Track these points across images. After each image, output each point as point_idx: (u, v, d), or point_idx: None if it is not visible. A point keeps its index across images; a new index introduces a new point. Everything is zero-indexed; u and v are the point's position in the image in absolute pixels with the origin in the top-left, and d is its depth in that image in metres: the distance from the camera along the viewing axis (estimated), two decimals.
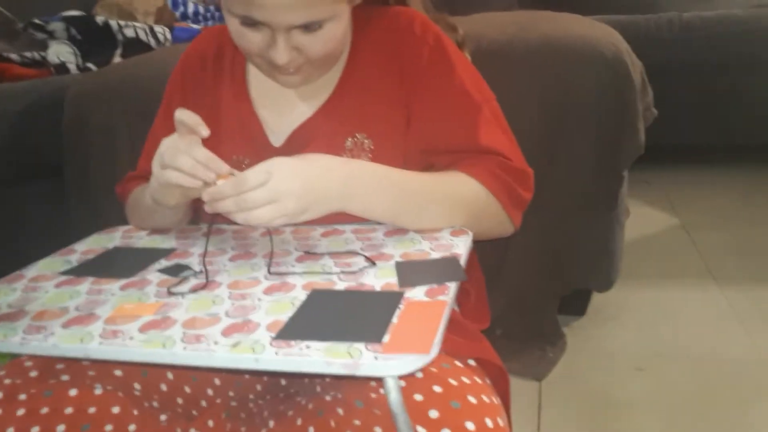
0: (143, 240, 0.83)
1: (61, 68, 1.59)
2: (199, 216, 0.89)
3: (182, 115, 0.67)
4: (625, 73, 0.96)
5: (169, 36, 1.81)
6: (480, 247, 0.75)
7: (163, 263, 0.73)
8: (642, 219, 1.21)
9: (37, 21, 1.70)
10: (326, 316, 0.57)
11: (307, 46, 0.72)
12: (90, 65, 1.62)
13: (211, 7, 2.39)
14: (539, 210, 0.83)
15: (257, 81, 0.85)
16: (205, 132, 0.68)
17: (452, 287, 0.61)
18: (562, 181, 0.91)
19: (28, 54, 1.58)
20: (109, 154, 1.15)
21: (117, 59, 1.68)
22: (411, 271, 0.65)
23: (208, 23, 2.30)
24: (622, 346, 1.25)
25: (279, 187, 0.65)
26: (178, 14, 2.26)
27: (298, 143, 0.81)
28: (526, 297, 1.07)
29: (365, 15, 0.82)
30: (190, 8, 2.33)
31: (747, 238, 1.69)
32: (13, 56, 1.56)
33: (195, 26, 2.23)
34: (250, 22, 0.69)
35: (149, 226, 0.86)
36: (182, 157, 0.67)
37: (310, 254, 0.72)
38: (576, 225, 1.02)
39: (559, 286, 1.08)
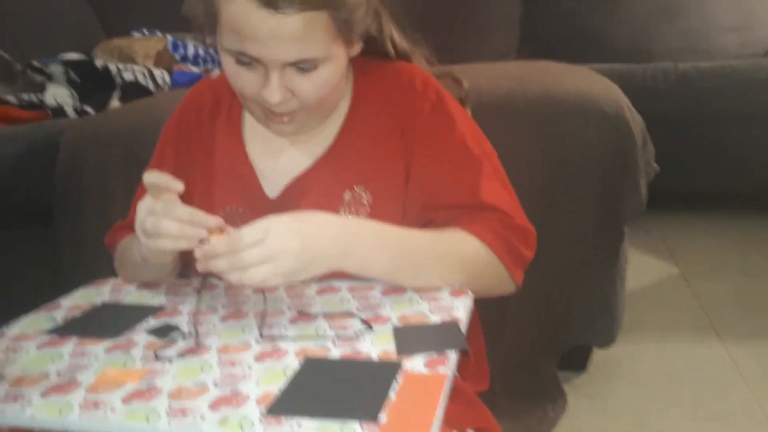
0: (132, 295, 0.80)
1: (59, 111, 1.58)
2: (190, 269, 0.86)
3: (151, 177, 0.66)
4: (626, 130, 0.96)
5: (168, 79, 1.81)
6: (478, 302, 0.73)
7: (152, 322, 0.71)
8: (641, 267, 1.19)
9: (36, 63, 1.70)
10: (320, 388, 0.54)
11: (301, 88, 0.71)
12: (87, 108, 1.62)
13: (211, 50, 2.40)
14: (539, 265, 0.81)
15: (253, 130, 0.84)
16: (180, 186, 0.66)
17: (452, 357, 0.58)
18: (562, 237, 0.89)
19: (25, 96, 1.57)
20: (103, 202, 1.14)
21: (115, 102, 1.67)
22: (409, 337, 0.62)
23: (208, 66, 2.31)
24: (624, 403, 1.21)
25: (276, 246, 0.63)
26: (178, 57, 2.27)
27: (295, 195, 0.80)
28: (526, 354, 1.04)
29: (367, 68, 0.82)
30: (190, 51, 2.34)
31: (747, 290, 1.67)
32: (11, 99, 1.56)
33: (195, 69, 2.24)
34: (245, 60, 0.69)
35: (138, 280, 0.83)
36: (165, 221, 0.65)
37: (303, 314, 0.70)
38: (577, 280, 1.00)
39: (560, 342, 1.06)
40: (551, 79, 1.10)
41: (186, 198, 0.84)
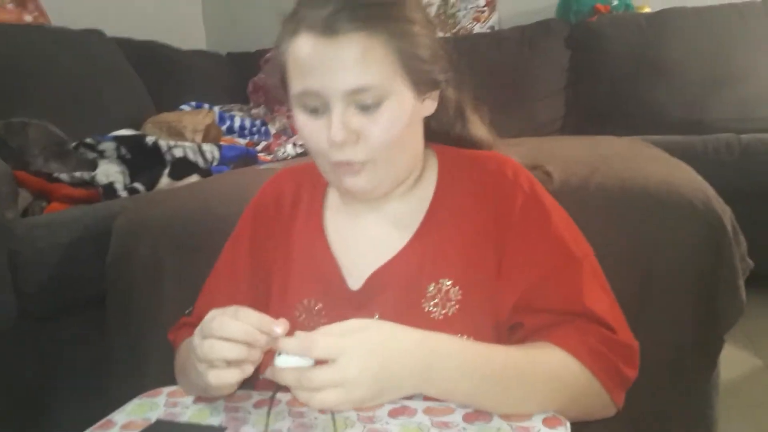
0: (189, 411, 0.74)
1: (109, 189, 1.58)
2: (251, 380, 0.80)
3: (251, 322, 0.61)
4: (719, 226, 0.88)
5: (216, 155, 1.81)
6: None
7: None
8: (722, 361, 1.09)
9: (88, 140, 1.72)
10: None
11: (365, 128, 0.68)
12: (137, 185, 1.61)
13: (257, 122, 2.43)
14: None
15: (335, 221, 0.81)
16: (280, 330, 0.61)
17: None
18: (655, 348, 0.80)
19: (77, 174, 1.58)
20: (155, 292, 1.10)
21: (165, 179, 1.67)
22: None
23: (254, 138, 2.33)
24: None
25: (346, 373, 0.58)
26: (224, 128, 2.30)
27: (377, 287, 0.75)
28: None
29: (451, 154, 0.80)
30: (237, 122, 2.38)
31: None
32: (63, 177, 1.56)
33: (241, 141, 2.26)
34: (310, 104, 0.69)
35: (196, 395, 0.77)
36: (231, 323, 0.61)
37: None
38: (673, 396, 0.90)
39: None
40: (626, 166, 1.03)
41: (263, 294, 0.79)
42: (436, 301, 0.73)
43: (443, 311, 0.73)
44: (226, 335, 0.61)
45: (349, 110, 0.68)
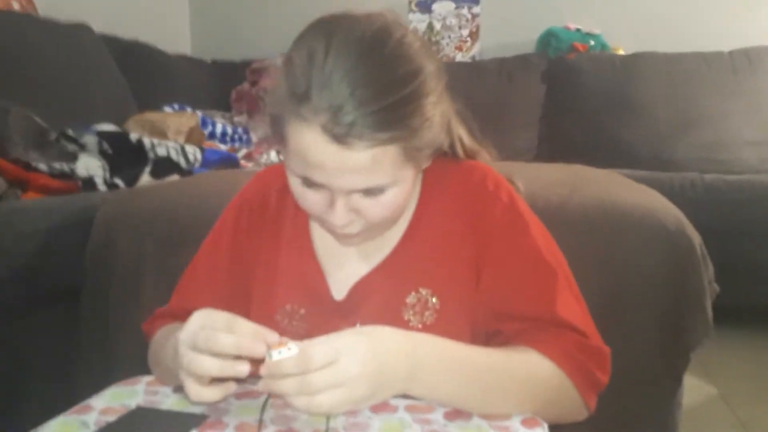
0: (170, 399, 0.74)
1: (88, 182, 1.56)
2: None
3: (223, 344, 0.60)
4: (689, 247, 0.93)
5: (199, 156, 1.80)
6: None
7: None
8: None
9: (70, 133, 1.70)
10: None
11: (367, 210, 0.69)
12: (118, 181, 1.60)
13: (239, 129, 2.43)
14: None
15: (321, 230, 0.81)
16: (245, 371, 0.60)
17: None
18: (621, 360, 0.84)
19: (57, 165, 1.56)
20: (134, 284, 1.09)
21: (146, 177, 1.66)
22: None
23: (235, 144, 2.33)
24: None
25: (348, 371, 0.59)
26: (206, 133, 2.29)
27: (359, 296, 0.77)
28: None
29: (435, 167, 0.80)
30: (219, 128, 2.37)
31: None
32: (42, 167, 1.54)
33: (223, 146, 2.26)
34: (310, 183, 0.68)
35: (171, 384, 0.77)
36: (222, 337, 0.60)
37: None
38: (639, 410, 0.94)
39: None
40: (603, 189, 1.08)
41: (244, 296, 0.79)
42: (415, 310, 0.75)
43: (422, 320, 0.75)
44: (217, 350, 0.60)
45: (353, 197, 0.68)
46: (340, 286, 0.78)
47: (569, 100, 2.73)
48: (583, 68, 2.72)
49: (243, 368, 0.60)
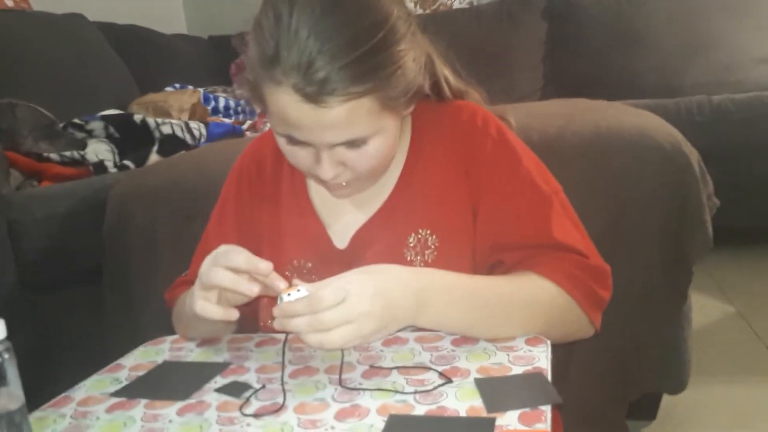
0: (194, 353, 0.78)
1: (99, 166, 1.60)
2: (247, 322, 0.84)
3: (234, 260, 0.65)
4: (686, 165, 0.94)
5: (204, 131, 1.83)
6: None
7: (220, 381, 0.68)
8: (695, 308, 1.15)
9: (76, 121, 1.74)
10: None
11: (353, 161, 0.71)
12: (127, 162, 1.64)
13: (242, 101, 2.45)
14: (605, 311, 0.78)
15: (317, 185, 0.84)
16: (268, 268, 0.65)
17: (548, 411, 0.55)
18: (626, 280, 0.86)
19: (67, 153, 1.60)
20: (150, 257, 1.13)
21: (153, 156, 1.69)
22: (496, 392, 0.59)
23: (239, 117, 2.35)
24: None
25: (356, 308, 0.62)
26: (209, 109, 2.31)
27: (362, 244, 0.80)
28: (594, 404, 0.99)
29: (424, 109, 0.81)
30: (221, 103, 2.39)
31: None
32: (53, 156, 1.58)
33: (227, 120, 2.28)
34: (294, 141, 0.70)
35: (195, 336, 0.82)
36: (236, 254, 0.65)
37: (376, 368, 0.67)
38: (645, 325, 0.96)
39: (629, 390, 1.01)
40: (600, 116, 1.08)
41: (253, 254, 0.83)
42: (416, 250, 0.77)
43: (424, 259, 0.77)
44: (232, 265, 0.65)
45: (337, 150, 0.69)
46: (341, 236, 0.81)
47: (572, 35, 2.68)
48: (583, 2, 2.67)
49: (253, 287, 0.64)
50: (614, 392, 1.00)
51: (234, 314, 0.67)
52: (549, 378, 0.62)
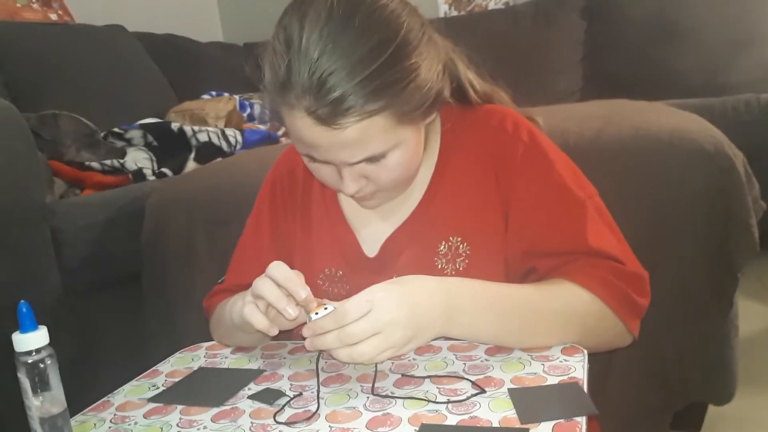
0: (229, 360, 0.79)
1: (138, 174, 1.64)
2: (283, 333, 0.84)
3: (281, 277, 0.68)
4: (729, 168, 0.90)
5: (240, 138, 1.86)
6: None
7: (253, 388, 0.69)
8: (742, 315, 1.10)
9: (116, 130, 1.79)
10: None
11: (374, 174, 0.71)
12: (165, 170, 1.67)
13: None
14: (648, 318, 0.75)
15: None
16: (303, 294, 0.66)
17: (583, 423, 0.53)
18: (672, 287, 0.83)
19: (108, 162, 1.65)
20: (188, 264, 1.15)
21: (191, 163, 1.72)
22: (530, 402, 0.58)
23: (275, 123, 2.37)
24: None
25: (382, 318, 0.62)
26: (245, 116, 2.35)
27: (392, 251, 0.79)
28: (636, 414, 0.96)
29: (452, 115, 0.80)
30: (257, 110, 2.42)
31: None
32: (95, 165, 1.63)
33: (262, 127, 2.31)
34: (315, 159, 0.71)
35: (231, 344, 0.82)
36: (280, 271, 0.68)
37: (408, 377, 0.66)
38: (691, 334, 0.92)
39: (673, 400, 0.97)
40: (640, 117, 1.05)
41: (286, 263, 0.84)
42: (447, 258, 0.76)
43: (455, 267, 0.76)
44: (277, 279, 0.67)
45: (357, 166, 0.69)
46: (371, 244, 0.81)
47: (611, 34, 2.61)
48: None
49: (289, 308, 0.66)
50: (657, 402, 0.97)
51: (274, 331, 0.69)
52: (585, 388, 0.60)
